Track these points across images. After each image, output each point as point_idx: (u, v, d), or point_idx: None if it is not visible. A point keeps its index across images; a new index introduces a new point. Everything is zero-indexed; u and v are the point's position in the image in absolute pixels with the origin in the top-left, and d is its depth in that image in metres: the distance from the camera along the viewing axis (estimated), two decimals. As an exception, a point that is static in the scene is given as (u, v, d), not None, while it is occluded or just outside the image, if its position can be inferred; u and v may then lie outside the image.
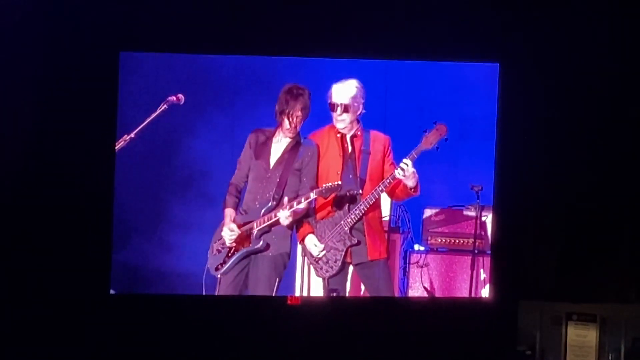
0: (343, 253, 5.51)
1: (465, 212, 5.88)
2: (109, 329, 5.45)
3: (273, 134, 5.57)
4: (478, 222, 5.80)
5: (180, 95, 5.61)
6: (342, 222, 5.51)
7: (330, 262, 5.53)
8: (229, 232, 5.52)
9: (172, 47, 5.58)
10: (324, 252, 5.52)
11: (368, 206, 5.48)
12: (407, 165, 5.38)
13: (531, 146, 5.67)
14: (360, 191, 5.51)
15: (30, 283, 5.42)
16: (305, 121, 5.54)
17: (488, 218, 5.77)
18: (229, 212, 5.56)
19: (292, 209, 5.40)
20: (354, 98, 5.50)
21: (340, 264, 5.51)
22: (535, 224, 5.71)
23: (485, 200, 5.74)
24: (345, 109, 5.49)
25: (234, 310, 5.54)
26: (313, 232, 5.55)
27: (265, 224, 5.47)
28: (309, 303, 5.57)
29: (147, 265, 5.65)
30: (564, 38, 5.65)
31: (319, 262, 5.54)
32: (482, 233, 5.82)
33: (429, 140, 5.43)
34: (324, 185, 5.39)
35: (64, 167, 5.46)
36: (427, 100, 5.79)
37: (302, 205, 5.42)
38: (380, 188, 5.46)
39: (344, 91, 5.49)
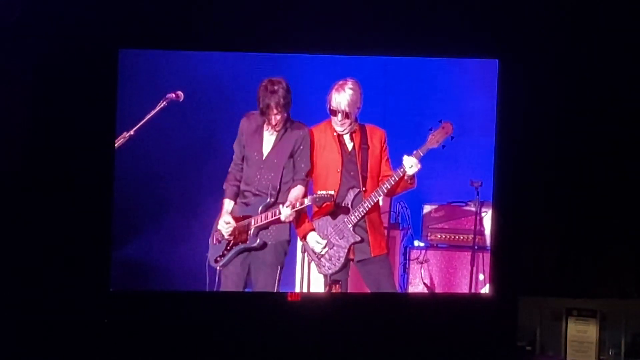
0: (346, 250, 5.51)
1: (465, 208, 5.89)
2: (109, 326, 5.45)
3: (264, 122, 5.50)
4: (478, 218, 5.80)
5: (179, 92, 5.59)
6: (346, 219, 5.49)
7: (333, 259, 5.52)
8: (225, 225, 5.49)
9: (171, 44, 5.56)
10: (327, 249, 5.52)
11: (372, 204, 5.46)
12: (415, 162, 5.38)
13: (530, 142, 5.67)
14: (364, 188, 5.50)
15: (30, 281, 5.42)
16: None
17: (488, 214, 5.77)
18: (227, 202, 5.52)
19: (294, 209, 5.38)
20: (354, 103, 5.45)
21: (343, 261, 5.51)
22: (535, 219, 5.72)
23: (485, 196, 5.75)
24: (347, 115, 5.48)
25: (234, 306, 5.54)
26: (314, 230, 5.54)
27: (264, 222, 5.45)
28: (309, 299, 5.56)
29: (147, 262, 5.64)
30: (563, 34, 5.65)
31: (322, 259, 5.54)
32: (482, 229, 5.83)
33: (435, 139, 5.43)
34: (318, 192, 5.37)
35: (63, 164, 5.46)
36: (426, 97, 5.80)
37: (304, 205, 5.39)
38: (385, 186, 5.43)
39: (344, 98, 5.44)
